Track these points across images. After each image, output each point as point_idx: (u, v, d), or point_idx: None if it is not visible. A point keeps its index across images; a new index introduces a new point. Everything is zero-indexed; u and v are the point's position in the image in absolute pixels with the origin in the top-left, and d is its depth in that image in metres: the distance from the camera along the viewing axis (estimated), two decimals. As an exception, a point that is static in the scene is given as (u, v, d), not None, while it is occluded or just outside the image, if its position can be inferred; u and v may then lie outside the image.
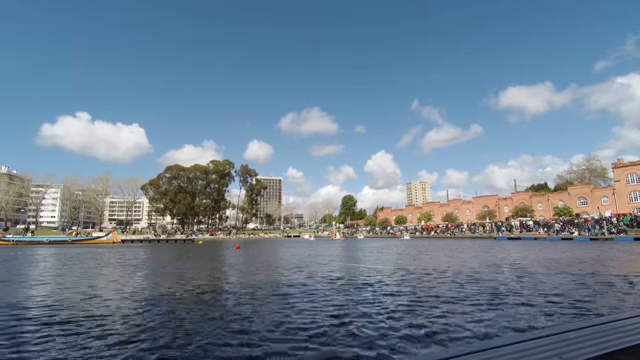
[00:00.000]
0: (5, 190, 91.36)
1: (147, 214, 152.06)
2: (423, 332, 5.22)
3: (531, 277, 10.81)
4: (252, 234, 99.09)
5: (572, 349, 1.26)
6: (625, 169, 61.52)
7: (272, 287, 9.79)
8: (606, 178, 74.47)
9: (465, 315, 6.12)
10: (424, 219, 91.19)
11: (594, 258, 17.79)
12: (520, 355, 1.20)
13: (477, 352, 1.21)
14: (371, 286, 9.65)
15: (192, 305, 7.50)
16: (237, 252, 28.56)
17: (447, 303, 7.15)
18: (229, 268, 15.90)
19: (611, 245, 28.83)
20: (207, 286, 10.16)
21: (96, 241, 58.92)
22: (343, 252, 27.53)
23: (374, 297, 8.07)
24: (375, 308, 6.87)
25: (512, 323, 5.59)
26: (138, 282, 11.43)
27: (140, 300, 8.05)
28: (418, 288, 9.20)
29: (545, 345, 1.29)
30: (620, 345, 1.29)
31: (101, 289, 9.83)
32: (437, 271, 12.76)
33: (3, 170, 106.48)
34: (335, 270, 13.78)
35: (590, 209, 63.14)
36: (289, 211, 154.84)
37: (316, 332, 5.33)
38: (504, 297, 7.69)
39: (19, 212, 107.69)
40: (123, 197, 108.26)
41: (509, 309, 6.55)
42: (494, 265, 14.49)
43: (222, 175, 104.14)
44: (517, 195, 79.72)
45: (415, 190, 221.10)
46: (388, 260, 18.66)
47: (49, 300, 8.17)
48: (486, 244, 35.78)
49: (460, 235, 64.56)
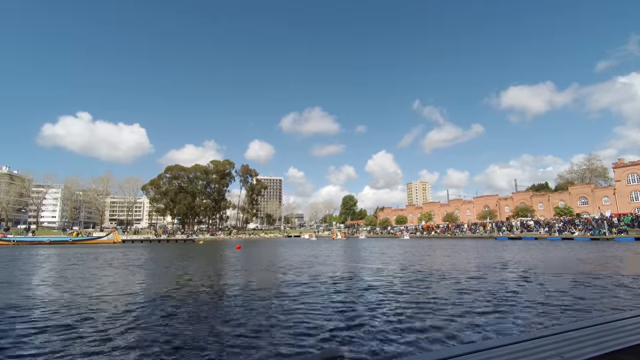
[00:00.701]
0: (6, 190, 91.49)
1: (147, 214, 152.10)
2: (428, 332, 5.23)
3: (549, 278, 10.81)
4: (252, 234, 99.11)
5: (573, 348, 1.25)
6: (626, 168, 61.41)
7: (276, 288, 9.79)
8: (607, 178, 74.34)
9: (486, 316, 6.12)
10: (425, 219, 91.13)
11: (607, 257, 17.77)
12: (521, 355, 1.19)
13: (478, 352, 1.21)
14: (376, 288, 9.65)
15: (195, 305, 7.52)
16: (238, 252, 28.59)
17: (455, 305, 7.15)
18: (231, 268, 15.91)
19: (616, 246, 28.72)
20: (210, 287, 10.17)
21: (97, 241, 58.99)
22: (346, 252, 27.53)
23: (379, 298, 8.08)
24: (381, 309, 6.88)
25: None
26: (141, 282, 11.45)
27: (143, 301, 8.06)
28: (424, 289, 9.21)
29: (546, 345, 1.29)
30: (621, 345, 1.29)
31: (104, 290, 9.84)
32: (445, 271, 12.76)
33: (4, 170, 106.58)
34: (340, 271, 13.78)
35: (591, 208, 63.06)
36: (290, 211, 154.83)
37: (323, 332, 5.34)
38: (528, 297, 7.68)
39: (19, 212, 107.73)
40: (124, 197, 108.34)
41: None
42: (516, 268, 14.47)
43: (222, 175, 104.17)
44: (517, 195, 79.64)
45: (416, 190, 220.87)
46: (392, 260, 18.67)
47: (56, 301, 8.19)
48: (488, 244, 35.76)
49: (461, 235, 64.51)
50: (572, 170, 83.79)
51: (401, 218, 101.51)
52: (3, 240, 53.33)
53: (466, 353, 1.20)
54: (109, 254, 26.78)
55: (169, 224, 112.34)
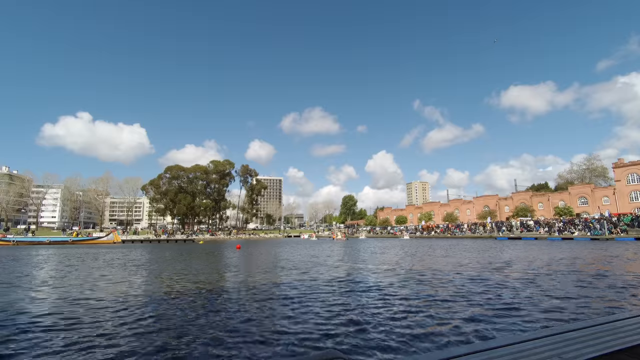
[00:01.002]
0: (5, 190, 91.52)
1: (147, 214, 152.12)
2: (433, 332, 5.23)
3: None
4: (252, 234, 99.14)
5: (573, 349, 1.25)
6: (626, 168, 61.42)
7: (277, 289, 9.79)
8: (607, 178, 74.39)
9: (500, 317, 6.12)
10: (425, 219, 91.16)
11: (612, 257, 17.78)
12: (520, 355, 1.19)
13: (478, 353, 1.21)
14: (380, 289, 9.65)
15: (195, 306, 7.51)
16: (239, 252, 28.62)
17: (471, 305, 7.15)
18: (232, 268, 15.91)
19: (617, 246, 28.71)
20: (210, 287, 10.16)
21: (97, 241, 59.00)
22: (348, 252, 27.53)
23: (383, 299, 8.08)
24: (386, 309, 6.88)
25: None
26: (143, 282, 11.44)
27: (142, 302, 8.06)
28: (428, 289, 9.21)
29: (546, 346, 1.29)
30: (620, 346, 1.29)
31: (105, 290, 9.84)
32: (450, 272, 12.77)
33: (4, 170, 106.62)
34: (344, 272, 13.79)
35: (590, 208, 63.08)
36: (290, 211, 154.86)
37: (324, 334, 5.34)
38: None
39: (19, 212, 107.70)
40: (123, 197, 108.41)
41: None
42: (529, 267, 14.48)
43: (222, 175, 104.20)
44: (517, 195, 79.65)
45: (416, 190, 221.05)
46: (395, 261, 18.67)
47: (54, 302, 8.19)
48: (488, 244, 35.77)
49: (461, 235, 64.53)
50: (572, 170, 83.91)
51: (401, 218, 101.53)
52: (3, 241, 53.32)
53: (466, 354, 1.20)
54: (108, 254, 26.78)
55: (169, 224, 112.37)
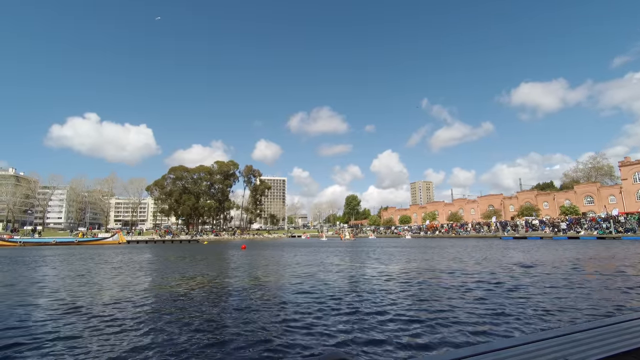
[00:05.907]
0: (12, 192, 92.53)
1: (152, 215, 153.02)
2: (438, 334, 5.22)
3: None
4: (256, 234, 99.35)
5: (578, 350, 1.24)
6: (633, 167, 60.69)
7: (283, 290, 9.80)
8: (613, 176, 73.61)
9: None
10: (429, 218, 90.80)
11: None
12: (524, 357, 1.18)
13: (481, 354, 1.20)
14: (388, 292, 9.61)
15: (200, 305, 7.55)
16: (244, 252, 28.78)
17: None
18: (240, 269, 15.96)
19: (625, 245, 28.37)
20: (216, 288, 10.21)
21: (102, 242, 59.40)
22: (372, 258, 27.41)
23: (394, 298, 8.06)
24: (392, 310, 6.87)
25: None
26: (146, 282, 11.52)
27: (145, 302, 8.11)
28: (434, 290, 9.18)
29: (551, 347, 1.28)
30: (626, 347, 1.27)
31: (111, 290, 9.92)
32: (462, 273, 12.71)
33: (10, 172, 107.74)
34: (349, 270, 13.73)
35: (597, 207, 62.44)
36: (293, 211, 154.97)
37: (328, 336, 5.34)
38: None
39: (26, 213, 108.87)
40: (128, 198, 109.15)
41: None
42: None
43: (226, 175, 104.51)
44: (522, 194, 79.07)
45: (420, 190, 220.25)
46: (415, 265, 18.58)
47: (63, 300, 8.27)
48: (494, 244, 35.54)
49: (465, 234, 64.17)
50: (578, 169, 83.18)
51: (405, 218, 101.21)
52: (10, 242, 53.89)
53: (471, 355, 1.19)
54: (114, 255, 26.99)
55: (174, 224, 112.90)
